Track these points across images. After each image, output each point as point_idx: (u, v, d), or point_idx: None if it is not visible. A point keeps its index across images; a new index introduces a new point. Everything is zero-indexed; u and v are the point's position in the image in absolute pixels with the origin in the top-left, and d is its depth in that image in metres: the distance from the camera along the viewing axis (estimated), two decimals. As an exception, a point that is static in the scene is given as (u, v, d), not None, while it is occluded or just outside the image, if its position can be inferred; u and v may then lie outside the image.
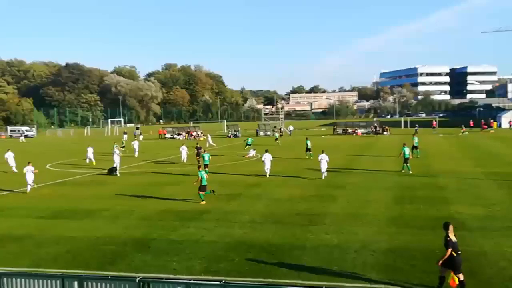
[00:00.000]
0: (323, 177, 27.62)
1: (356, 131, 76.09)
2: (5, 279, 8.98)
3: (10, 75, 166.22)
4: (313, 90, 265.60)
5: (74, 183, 29.37)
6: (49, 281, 8.82)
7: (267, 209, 19.81)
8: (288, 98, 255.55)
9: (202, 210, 19.81)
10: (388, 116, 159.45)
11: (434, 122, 78.13)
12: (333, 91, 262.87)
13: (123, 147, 45.60)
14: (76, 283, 8.63)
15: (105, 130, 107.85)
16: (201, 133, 79.56)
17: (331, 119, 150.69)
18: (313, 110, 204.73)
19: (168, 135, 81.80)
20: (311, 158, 38.05)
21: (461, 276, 10.44)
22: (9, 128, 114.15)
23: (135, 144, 46.95)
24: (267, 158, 29.29)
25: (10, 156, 37.26)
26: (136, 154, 44.87)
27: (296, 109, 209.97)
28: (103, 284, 8.48)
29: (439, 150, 44.19)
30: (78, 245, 15.09)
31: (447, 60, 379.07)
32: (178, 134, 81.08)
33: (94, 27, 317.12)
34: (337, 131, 79.03)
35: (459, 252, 10.59)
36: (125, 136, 79.74)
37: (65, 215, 19.72)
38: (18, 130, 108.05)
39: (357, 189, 23.87)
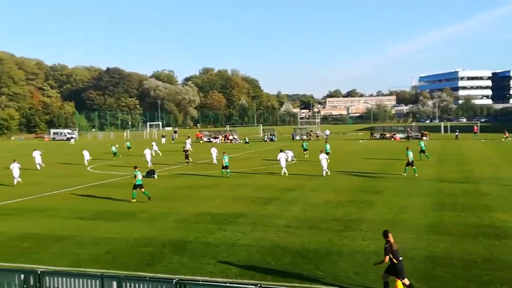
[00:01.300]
0: (324, 174, 30.61)
1: (394, 136, 74.90)
2: (47, 278, 9.24)
3: (53, 79, 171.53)
4: (350, 94, 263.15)
5: (114, 185, 30.02)
6: (89, 280, 9.02)
7: (303, 213, 19.72)
8: (325, 102, 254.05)
9: (238, 213, 19.89)
10: (428, 121, 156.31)
11: (476, 127, 76.01)
12: (371, 95, 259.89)
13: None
14: (115, 283, 8.80)
15: (144, 133, 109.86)
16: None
17: (368, 123, 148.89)
18: (350, 114, 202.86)
19: (205, 139, 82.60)
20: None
21: (407, 281, 10.57)
22: (52, 131, 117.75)
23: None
24: (282, 157, 31.76)
25: (37, 155, 41.07)
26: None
27: (332, 113, 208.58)
28: (141, 285, 8.62)
29: (480, 156, 42.98)
30: (117, 246, 15.40)
31: (488, 64, 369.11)
32: (215, 138, 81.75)
33: (134, 33, 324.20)
34: (375, 136, 78.02)
35: (401, 259, 10.69)
36: (163, 140, 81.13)
37: (104, 217, 20.17)
38: (61, 133, 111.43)
39: (395, 195, 23.45)
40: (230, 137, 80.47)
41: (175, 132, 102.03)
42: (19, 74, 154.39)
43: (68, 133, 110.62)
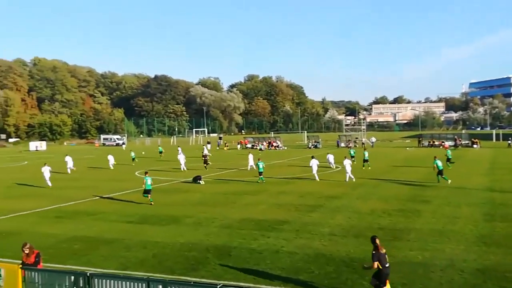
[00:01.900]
0: (348, 179, 31.44)
1: (443, 143, 72.84)
2: (95, 280, 9.52)
3: (104, 86, 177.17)
4: (397, 100, 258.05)
5: (161, 190, 30.59)
6: (135, 284, 9.20)
7: (348, 222, 19.46)
8: (371, 108, 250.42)
9: (281, 220, 19.86)
10: (478, 128, 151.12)
11: (530, 135, 72.83)
12: (419, 102, 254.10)
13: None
14: (160, 287, 8.96)
15: (190, 140, 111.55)
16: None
17: (416, 130, 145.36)
18: (397, 121, 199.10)
19: (249, 145, 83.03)
20: (369, 168, 39.88)
21: None
22: (102, 136, 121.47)
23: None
24: (314, 163, 32.80)
25: (69, 160, 43.73)
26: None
27: (379, 120, 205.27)
28: (186, 290, 8.74)
29: (536, 165, 41.12)
30: (163, 250, 15.68)
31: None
32: (259, 144, 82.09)
33: (181, 41, 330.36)
34: (423, 143, 76.17)
35: (387, 265, 10.72)
36: (209, 146, 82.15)
37: (151, 221, 20.59)
38: (111, 139, 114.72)
39: (444, 204, 22.78)
40: (275, 144, 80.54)
41: (220, 138, 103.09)
42: (72, 81, 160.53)
43: (117, 138, 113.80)
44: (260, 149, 74.94)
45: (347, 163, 32.58)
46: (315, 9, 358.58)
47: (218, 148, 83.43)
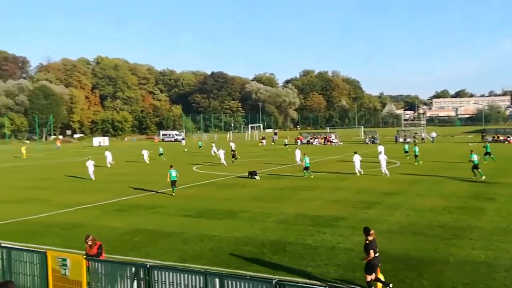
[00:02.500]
0: (384, 172, 32.14)
1: (508, 138, 69.56)
2: (155, 271, 9.79)
3: (162, 83, 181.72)
4: (459, 94, 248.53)
5: (217, 184, 31.07)
6: (193, 276, 9.40)
7: (407, 219, 18.97)
8: (431, 103, 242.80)
9: (337, 216, 19.65)
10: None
11: None
12: (482, 96, 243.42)
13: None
14: (217, 280, 9.08)
15: (246, 135, 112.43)
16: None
17: (479, 125, 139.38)
18: (458, 116, 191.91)
19: (304, 141, 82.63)
20: (420, 163, 39.49)
21: (368, 278, 11.11)
22: (161, 132, 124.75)
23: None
24: (357, 159, 33.43)
25: (108, 154, 46.55)
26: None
27: (439, 115, 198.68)
28: (242, 284, 8.80)
29: None
30: (220, 244, 15.92)
31: None
32: (316, 138, 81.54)
33: (237, 37, 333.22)
34: (486, 139, 73.00)
35: (377, 255, 11.15)
36: (264, 141, 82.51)
37: (208, 215, 20.95)
38: (169, 134, 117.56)
39: (509, 202, 21.73)
40: (330, 139, 79.69)
41: (275, 134, 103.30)
42: (132, 79, 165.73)
43: (176, 134, 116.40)
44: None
45: (383, 158, 32.99)
46: (372, 2, 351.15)
47: (273, 143, 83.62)
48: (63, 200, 26.08)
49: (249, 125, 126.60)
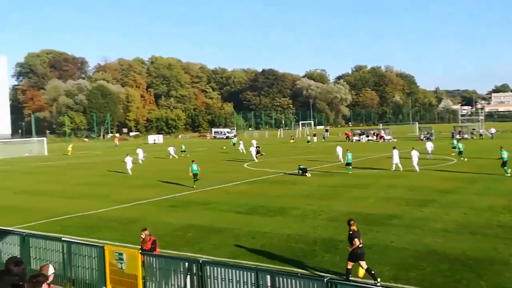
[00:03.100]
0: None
1: None
2: (207, 267, 9.97)
3: (214, 82, 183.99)
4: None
5: (268, 181, 31.18)
6: (244, 272, 9.49)
7: (464, 218, 18.34)
8: (490, 97, 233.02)
9: (390, 214, 19.26)
10: None
11: None
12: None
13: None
14: (268, 277, 9.13)
15: (296, 132, 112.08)
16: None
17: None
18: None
19: (354, 138, 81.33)
20: (465, 160, 38.65)
21: (349, 265, 11.71)
22: (213, 130, 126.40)
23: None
24: (395, 154, 33.43)
25: (140, 152, 49.49)
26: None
27: (499, 110, 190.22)
28: (293, 281, 8.81)
29: None
30: (271, 241, 15.98)
31: None
32: (362, 135, 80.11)
33: (288, 34, 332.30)
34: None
35: (361, 245, 11.73)
36: (315, 138, 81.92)
37: (260, 212, 21.07)
38: (221, 132, 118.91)
39: None
40: (383, 135, 77.97)
41: (327, 130, 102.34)
42: (185, 78, 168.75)
43: (227, 132, 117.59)
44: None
45: (415, 154, 33.11)
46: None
47: (323, 140, 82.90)
48: (120, 196, 26.97)
49: (300, 122, 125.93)
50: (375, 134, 79.53)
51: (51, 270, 7.55)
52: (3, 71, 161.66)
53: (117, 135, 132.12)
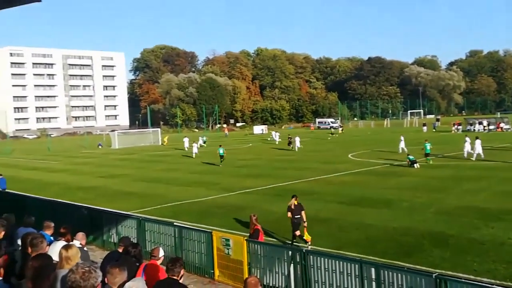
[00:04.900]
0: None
1: None
2: (311, 256, 10.08)
3: (319, 71, 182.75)
4: None
5: (374, 172, 30.45)
6: (348, 264, 9.45)
7: None
8: None
9: (509, 209, 17.92)
10: None
11: None
12: None
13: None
14: (373, 270, 9.01)
15: (405, 122, 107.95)
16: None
17: None
18: None
19: (468, 127, 76.23)
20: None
21: (298, 233, 14.37)
22: (317, 120, 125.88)
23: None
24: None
25: (186, 141, 53.73)
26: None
27: None
28: (399, 275, 8.61)
29: None
30: (376, 233, 15.67)
31: None
32: (472, 125, 74.90)
33: (396, 21, 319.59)
34: None
35: (297, 216, 14.43)
36: (425, 128, 78.13)
37: (364, 203, 20.70)
38: (325, 122, 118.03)
39: None
40: (501, 125, 72.30)
41: (438, 120, 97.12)
42: (290, 68, 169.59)
43: (331, 122, 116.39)
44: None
45: (478, 143, 33.56)
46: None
47: (434, 130, 78.86)
48: (228, 184, 27.98)
49: (408, 111, 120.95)
50: (489, 123, 73.97)
51: (161, 253, 8.22)
52: (121, 66, 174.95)
53: (225, 125, 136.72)
